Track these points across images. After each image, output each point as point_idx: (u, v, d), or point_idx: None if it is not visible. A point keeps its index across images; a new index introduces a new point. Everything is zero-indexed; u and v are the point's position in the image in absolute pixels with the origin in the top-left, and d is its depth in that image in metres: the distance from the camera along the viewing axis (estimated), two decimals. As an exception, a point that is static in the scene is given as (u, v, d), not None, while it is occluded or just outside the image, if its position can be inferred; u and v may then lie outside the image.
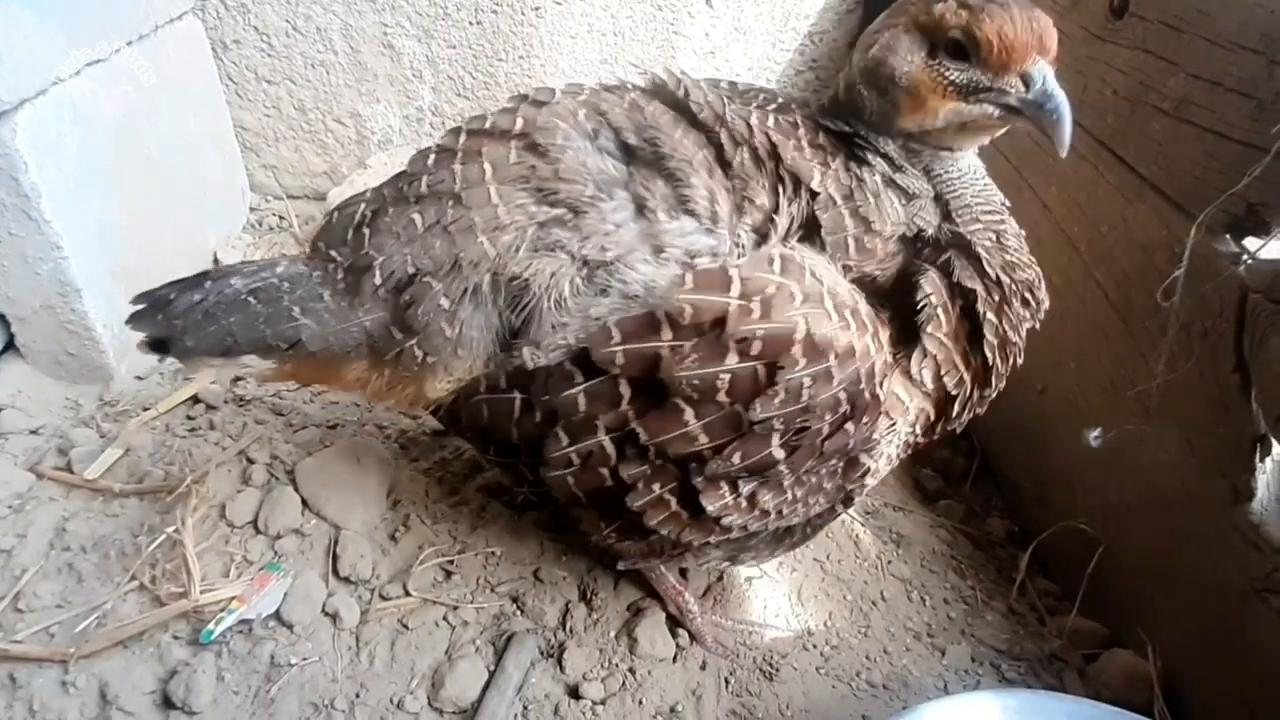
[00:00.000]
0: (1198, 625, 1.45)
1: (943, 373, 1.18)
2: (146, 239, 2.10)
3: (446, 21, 2.60)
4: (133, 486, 1.63)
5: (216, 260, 2.46)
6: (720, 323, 1.06)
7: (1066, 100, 1.07)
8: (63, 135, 1.77)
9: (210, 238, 2.48)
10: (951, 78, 1.11)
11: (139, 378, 1.97)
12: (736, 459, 1.12)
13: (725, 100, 1.23)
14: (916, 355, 1.17)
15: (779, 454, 1.12)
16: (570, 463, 1.17)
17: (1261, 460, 1.32)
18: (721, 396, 1.08)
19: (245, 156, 2.79)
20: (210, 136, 2.53)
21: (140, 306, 1.29)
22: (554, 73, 2.70)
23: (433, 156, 1.25)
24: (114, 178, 1.96)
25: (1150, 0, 1.49)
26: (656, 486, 1.16)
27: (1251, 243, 1.33)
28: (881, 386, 1.15)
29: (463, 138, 1.24)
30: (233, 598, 1.40)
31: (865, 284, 1.18)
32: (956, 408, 1.24)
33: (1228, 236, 1.35)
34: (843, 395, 1.10)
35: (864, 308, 1.14)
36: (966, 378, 1.21)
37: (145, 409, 1.85)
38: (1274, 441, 1.29)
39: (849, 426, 1.13)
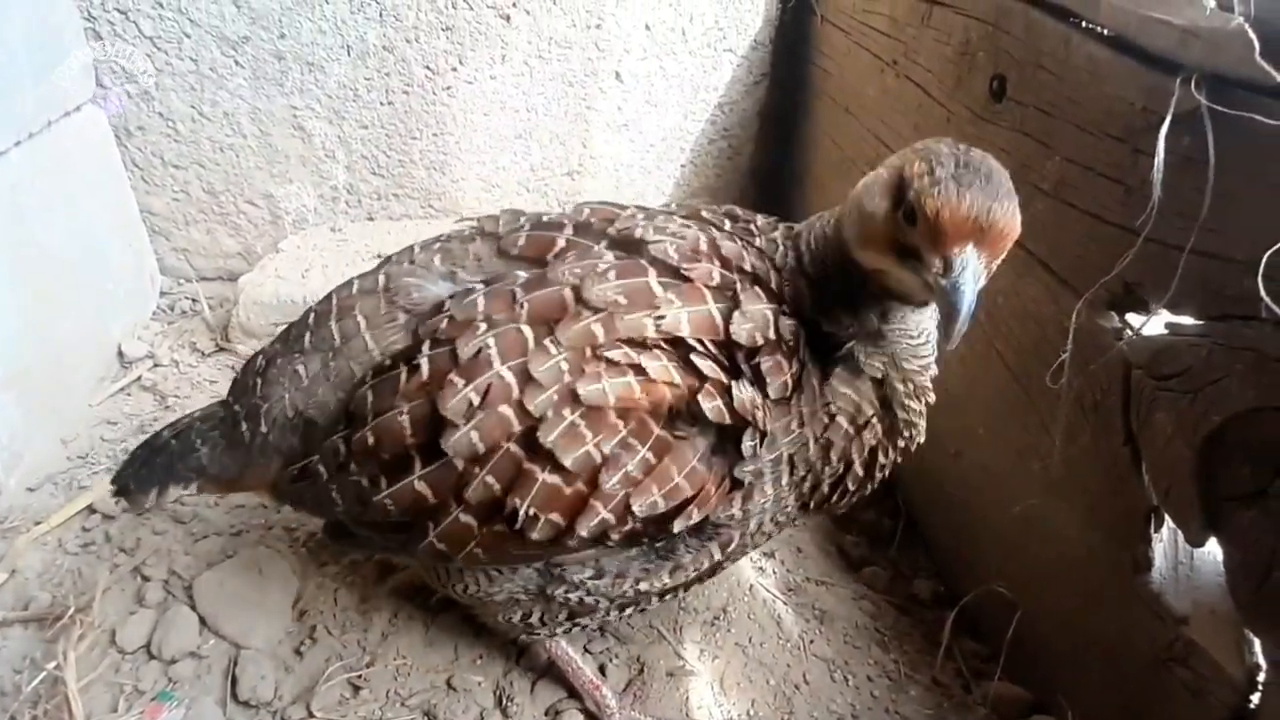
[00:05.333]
0: (1112, 692, 1.46)
1: None
2: (42, 340, 2.02)
3: (357, 103, 2.59)
4: (17, 614, 1.54)
5: (121, 353, 2.39)
6: None
7: (972, 300, 1.03)
8: (-57, 245, 1.70)
9: (114, 329, 2.40)
10: (895, 236, 1.09)
11: (30, 489, 1.88)
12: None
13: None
14: None
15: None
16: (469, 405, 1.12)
17: (1157, 531, 1.35)
18: None
19: (155, 241, 2.72)
20: (114, 224, 2.47)
21: (121, 466, 1.45)
22: (469, 149, 2.71)
23: (313, 316, 1.36)
24: (3, 282, 1.89)
25: (1026, 86, 1.55)
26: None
27: (1134, 319, 1.37)
28: None
29: (334, 301, 1.35)
30: (120, 735, 1.33)
31: None
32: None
33: (1111, 313, 1.40)
34: None
35: None
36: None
37: (36, 523, 1.76)
38: (1166, 514, 1.32)
39: None
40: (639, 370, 1.12)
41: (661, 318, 1.14)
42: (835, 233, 1.21)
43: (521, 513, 1.13)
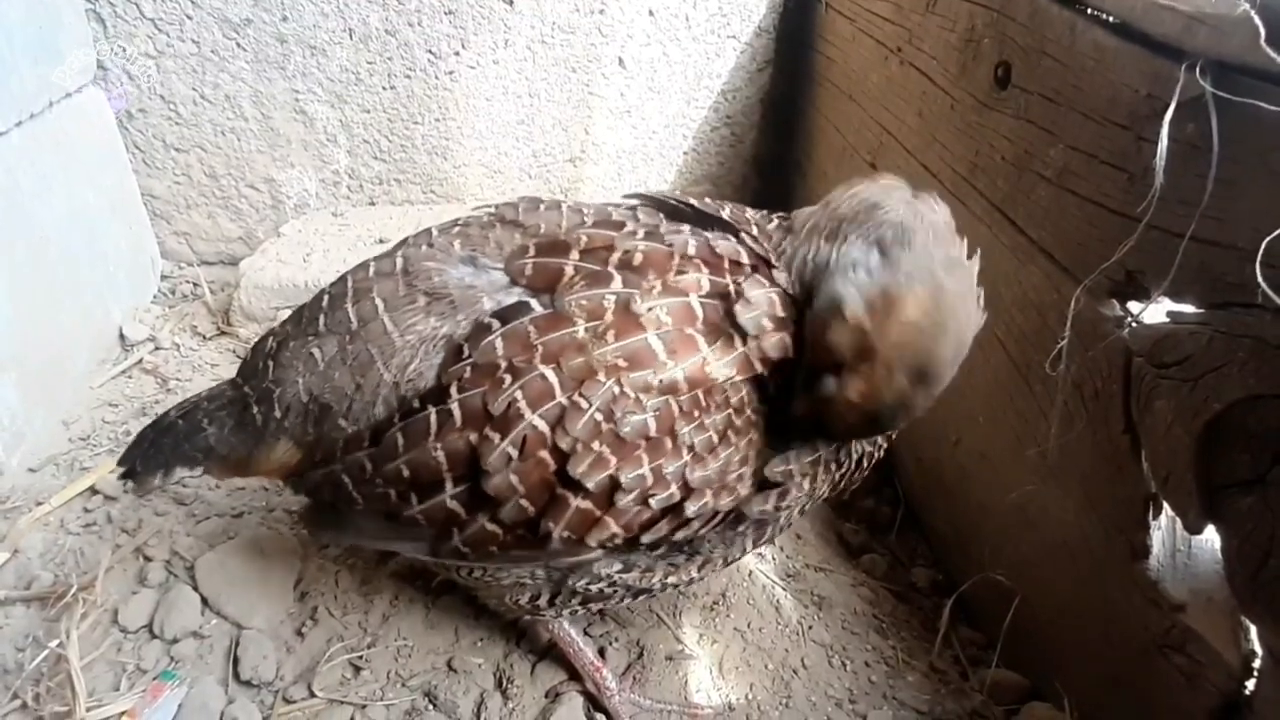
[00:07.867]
0: (1109, 679, 1.47)
1: None
2: (43, 322, 2.02)
3: (359, 87, 2.59)
4: (19, 594, 1.55)
5: (122, 335, 2.39)
6: None
7: None
8: (-58, 230, 1.70)
9: (115, 312, 2.40)
10: None
11: (31, 470, 1.88)
12: None
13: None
14: None
15: None
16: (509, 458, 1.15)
17: (1155, 518, 1.35)
18: None
19: (156, 224, 2.72)
20: (114, 208, 2.46)
21: (127, 448, 1.42)
22: (470, 134, 2.70)
23: (327, 298, 1.33)
24: (3, 264, 1.89)
25: (1030, 73, 1.55)
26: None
27: (1134, 306, 1.37)
28: None
29: (350, 283, 1.32)
30: (122, 713, 1.33)
31: None
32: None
33: (1113, 301, 1.40)
34: None
35: None
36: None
37: (38, 503, 1.76)
38: (1165, 502, 1.32)
39: None
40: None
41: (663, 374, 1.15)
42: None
43: (555, 535, 1.18)
